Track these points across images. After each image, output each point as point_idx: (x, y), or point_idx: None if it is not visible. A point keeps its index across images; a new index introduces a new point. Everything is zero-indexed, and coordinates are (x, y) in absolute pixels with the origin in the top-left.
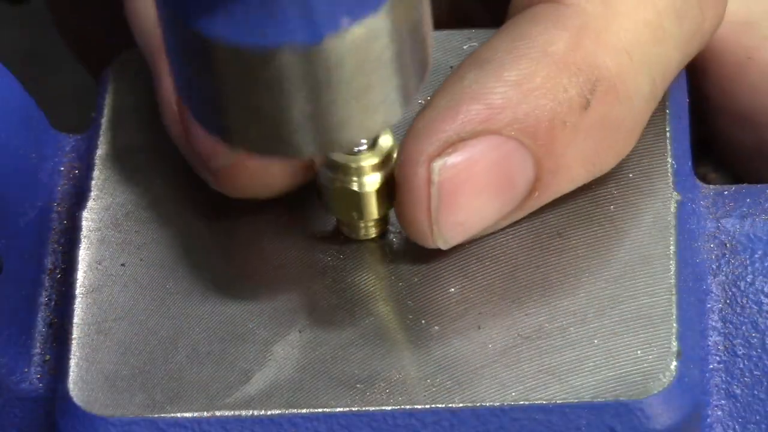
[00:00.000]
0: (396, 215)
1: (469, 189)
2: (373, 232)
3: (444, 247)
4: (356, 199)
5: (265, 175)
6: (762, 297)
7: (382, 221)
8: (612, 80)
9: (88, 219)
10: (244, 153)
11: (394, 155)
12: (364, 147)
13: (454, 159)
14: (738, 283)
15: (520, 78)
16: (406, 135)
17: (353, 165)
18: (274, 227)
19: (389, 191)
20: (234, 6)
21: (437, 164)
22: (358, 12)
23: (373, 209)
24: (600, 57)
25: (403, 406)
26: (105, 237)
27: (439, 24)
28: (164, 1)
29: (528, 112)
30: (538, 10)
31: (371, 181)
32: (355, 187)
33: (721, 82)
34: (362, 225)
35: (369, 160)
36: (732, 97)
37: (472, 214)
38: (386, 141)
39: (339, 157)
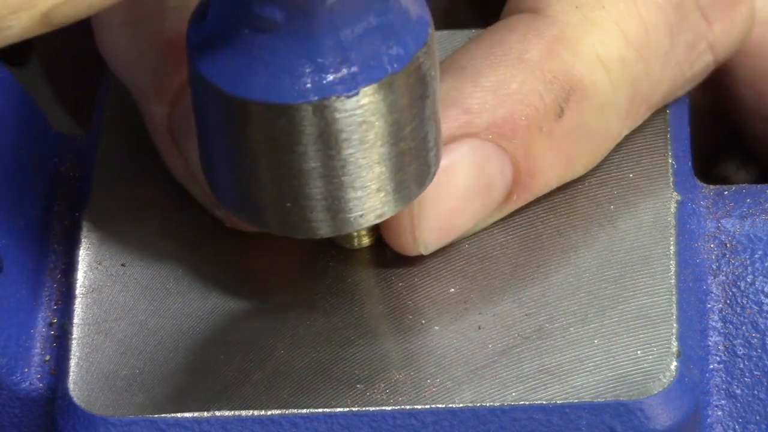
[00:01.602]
0: (379, 225)
1: (449, 192)
2: (366, 241)
3: (425, 252)
4: None
5: None
6: (762, 297)
7: (372, 231)
8: (585, 91)
9: (88, 219)
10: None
11: None
12: None
13: None
14: (738, 283)
15: (497, 83)
16: None
17: None
18: None
19: None
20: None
21: None
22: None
23: None
24: (574, 67)
25: (403, 406)
26: (105, 237)
27: None
28: (199, 71)
29: (505, 116)
30: (517, 19)
31: None
32: None
33: (754, 83)
34: (354, 234)
35: None
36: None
37: (452, 217)
38: None
39: None
